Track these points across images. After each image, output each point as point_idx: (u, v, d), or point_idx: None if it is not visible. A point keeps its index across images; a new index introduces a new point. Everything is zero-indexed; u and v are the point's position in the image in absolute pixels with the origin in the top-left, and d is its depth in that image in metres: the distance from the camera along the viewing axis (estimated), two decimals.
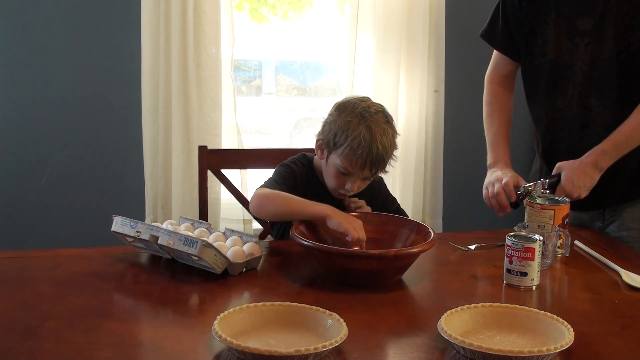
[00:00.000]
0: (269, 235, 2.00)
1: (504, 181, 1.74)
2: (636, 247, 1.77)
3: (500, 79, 1.99)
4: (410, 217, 1.88)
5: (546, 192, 1.70)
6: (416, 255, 1.45)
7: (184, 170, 2.62)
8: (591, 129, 1.79)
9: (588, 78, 1.78)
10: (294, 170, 1.76)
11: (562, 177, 1.73)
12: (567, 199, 1.67)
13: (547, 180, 1.72)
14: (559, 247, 1.60)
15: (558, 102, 1.84)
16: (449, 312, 1.20)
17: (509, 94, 1.99)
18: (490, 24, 1.95)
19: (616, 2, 1.72)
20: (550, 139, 1.90)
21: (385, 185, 1.90)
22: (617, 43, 1.73)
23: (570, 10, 1.78)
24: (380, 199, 1.83)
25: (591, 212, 1.89)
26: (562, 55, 1.80)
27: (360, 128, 1.63)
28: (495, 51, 1.99)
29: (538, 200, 1.66)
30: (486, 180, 1.83)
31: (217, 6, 2.59)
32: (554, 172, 1.76)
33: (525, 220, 1.64)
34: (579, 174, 1.72)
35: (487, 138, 1.95)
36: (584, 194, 1.73)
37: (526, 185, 1.71)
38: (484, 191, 1.82)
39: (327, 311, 1.19)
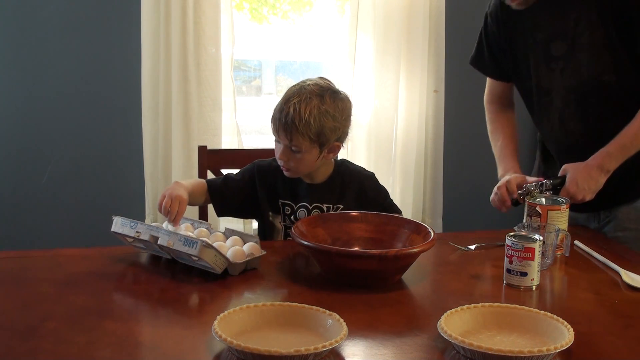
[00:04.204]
0: None
1: (507, 179, 1.76)
2: (633, 247, 1.76)
3: (498, 100, 2.01)
4: (409, 217, 1.87)
5: (549, 193, 1.69)
6: (416, 255, 1.45)
7: (184, 170, 2.62)
8: (576, 153, 1.77)
9: (566, 103, 1.78)
10: (246, 169, 1.85)
11: (567, 179, 1.71)
12: (566, 199, 1.66)
13: (551, 181, 1.71)
14: (559, 247, 1.60)
15: (543, 125, 1.87)
16: (449, 312, 1.20)
17: (509, 110, 2.01)
18: (477, 50, 1.98)
19: (587, 26, 1.69)
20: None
21: (377, 180, 1.88)
22: (591, 68, 1.72)
23: (544, 36, 1.77)
24: (371, 193, 1.83)
25: (586, 212, 1.89)
26: (542, 80, 1.81)
27: (284, 96, 1.72)
28: None
29: (538, 200, 1.65)
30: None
31: (217, 6, 2.59)
32: (559, 174, 1.75)
33: (548, 222, 1.60)
34: (584, 176, 1.70)
35: (494, 153, 1.96)
36: (588, 197, 1.71)
37: (528, 184, 1.70)
38: (492, 195, 1.81)
39: (327, 311, 1.19)
